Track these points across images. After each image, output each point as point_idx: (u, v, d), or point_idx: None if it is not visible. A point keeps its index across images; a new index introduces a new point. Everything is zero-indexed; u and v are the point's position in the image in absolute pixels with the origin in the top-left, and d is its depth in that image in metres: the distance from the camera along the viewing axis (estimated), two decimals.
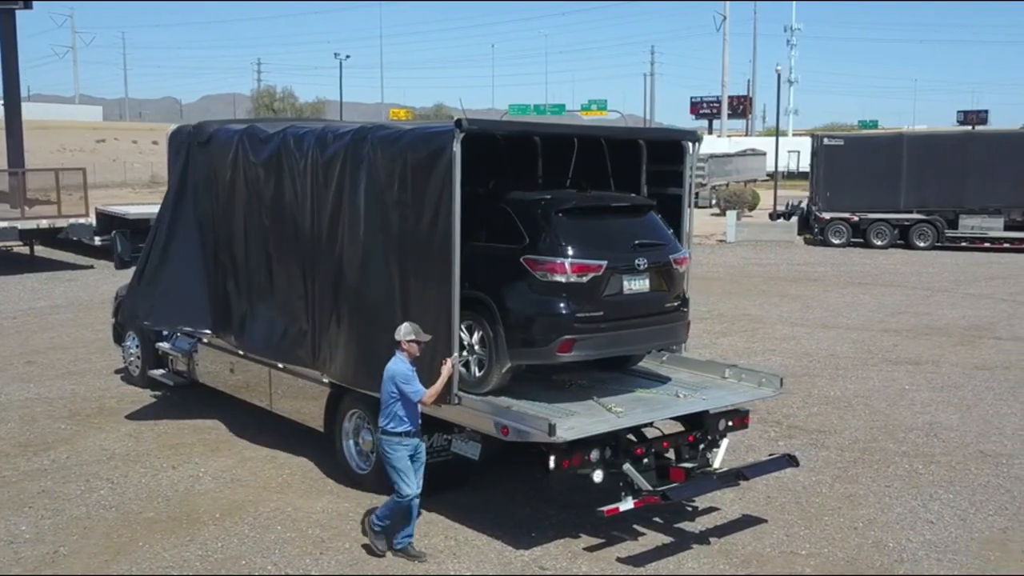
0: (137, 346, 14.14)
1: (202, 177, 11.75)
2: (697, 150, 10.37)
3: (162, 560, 8.43)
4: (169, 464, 10.85)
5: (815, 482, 10.37)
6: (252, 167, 10.90)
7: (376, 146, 9.24)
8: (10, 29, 30.70)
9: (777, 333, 18.25)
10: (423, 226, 8.72)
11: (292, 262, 10.43)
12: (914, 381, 14.63)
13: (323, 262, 9.96)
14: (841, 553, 8.63)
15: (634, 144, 10.53)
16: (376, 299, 9.31)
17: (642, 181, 10.45)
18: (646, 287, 9.17)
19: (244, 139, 11.08)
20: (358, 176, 9.42)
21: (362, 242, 9.43)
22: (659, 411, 8.98)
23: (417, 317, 8.58)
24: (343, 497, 9.88)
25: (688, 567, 8.35)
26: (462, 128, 8.25)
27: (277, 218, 10.60)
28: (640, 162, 10.43)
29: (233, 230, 11.33)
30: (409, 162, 8.83)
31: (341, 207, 9.65)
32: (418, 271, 8.88)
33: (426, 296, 8.78)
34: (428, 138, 8.72)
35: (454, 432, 9.27)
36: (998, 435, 11.98)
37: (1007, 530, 9.15)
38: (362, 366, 9.50)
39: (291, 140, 10.35)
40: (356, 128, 9.72)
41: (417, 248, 8.84)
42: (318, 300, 10.07)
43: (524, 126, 13.45)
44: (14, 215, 26.76)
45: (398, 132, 9.22)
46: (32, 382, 14.55)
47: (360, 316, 9.54)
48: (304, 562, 8.40)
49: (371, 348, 9.27)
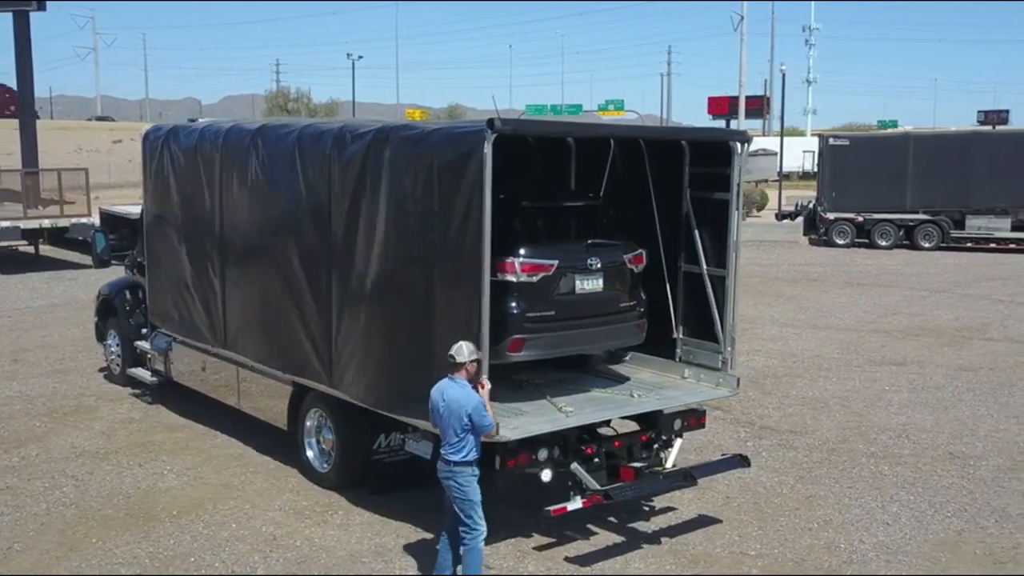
0: (118, 344, 14.23)
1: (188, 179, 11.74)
2: (747, 151, 9.59)
3: (112, 557, 8.49)
4: (136, 462, 10.92)
5: (777, 483, 10.32)
6: (256, 167, 10.42)
7: (400, 147, 8.59)
8: (24, 31, 30.96)
9: (766, 333, 18.16)
10: (451, 234, 8.02)
11: (303, 270, 9.82)
12: (895, 382, 14.52)
13: (339, 271, 9.29)
14: (791, 554, 8.59)
15: (676, 146, 9.92)
16: (399, 313, 8.65)
17: (684, 184, 9.91)
18: (599, 287, 9.16)
19: (257, 139, 10.49)
20: (379, 180, 8.75)
21: (383, 251, 8.75)
22: (610, 411, 8.96)
23: (445, 333, 8.02)
24: (303, 495, 9.91)
25: (635, 567, 8.34)
26: (494, 128, 7.61)
27: (291, 222, 9.96)
28: (682, 165, 9.89)
29: (238, 235, 10.87)
30: (436, 165, 8.15)
31: (359, 213, 8.98)
32: (445, 282, 8.17)
33: (454, 309, 8.10)
34: (457, 139, 8.05)
35: (408, 431, 9.27)
36: (970, 437, 11.88)
37: (962, 532, 9.08)
38: (383, 386, 8.87)
39: (306, 140, 9.76)
40: (377, 128, 9.05)
41: (445, 258, 8.15)
42: (334, 313, 9.40)
43: (559, 126, 12.04)
44: (16, 215, 27.00)
45: (427, 131, 8.54)
46: (16, 380, 14.68)
47: (381, 331, 8.86)
48: (252, 559, 8.44)
49: (394, 366, 8.73)
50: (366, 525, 9.15)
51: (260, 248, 10.44)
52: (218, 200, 11.04)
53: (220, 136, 10.99)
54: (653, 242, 10.08)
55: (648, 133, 11.54)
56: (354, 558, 8.47)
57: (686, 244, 9.98)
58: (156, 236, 12.53)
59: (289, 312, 10.03)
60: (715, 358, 9.77)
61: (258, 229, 10.45)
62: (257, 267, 10.52)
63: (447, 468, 7.57)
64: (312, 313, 9.69)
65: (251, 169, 10.39)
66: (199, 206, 11.42)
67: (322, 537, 8.89)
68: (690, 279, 10.00)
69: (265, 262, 10.36)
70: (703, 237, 9.85)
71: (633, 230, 10.02)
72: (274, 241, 10.18)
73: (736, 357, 9.76)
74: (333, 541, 8.80)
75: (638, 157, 10.09)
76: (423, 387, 8.41)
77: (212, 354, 11.66)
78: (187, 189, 11.63)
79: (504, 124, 7.69)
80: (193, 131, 11.63)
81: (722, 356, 9.71)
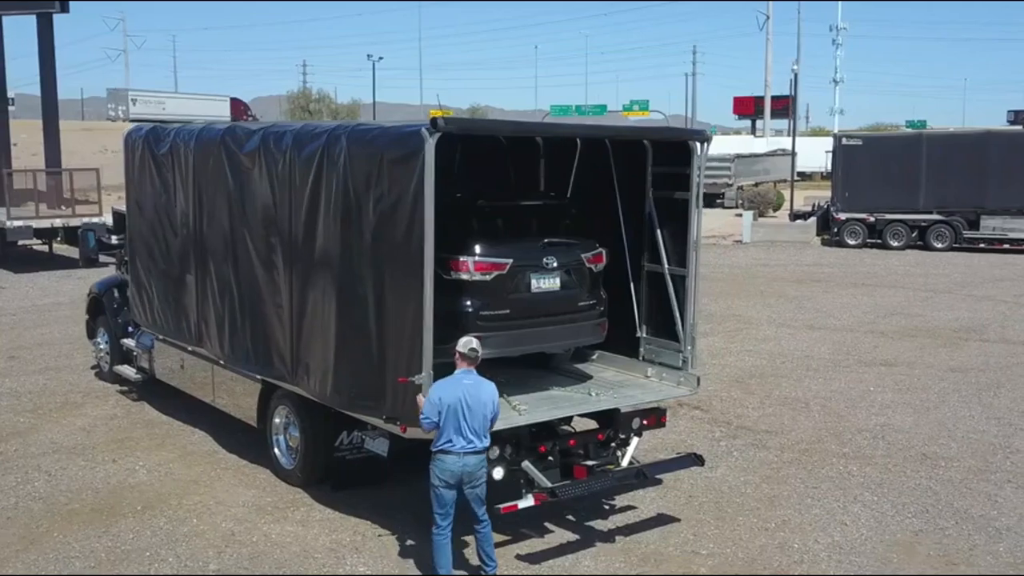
0: (107, 342, 14.41)
1: (164, 179, 11.89)
2: (706, 150, 9.49)
3: (70, 551, 8.62)
4: (110, 458, 11.06)
5: (743, 482, 10.29)
6: (224, 166, 10.45)
7: (351, 147, 8.61)
8: (47, 34, 31.20)
9: (760, 334, 18.09)
10: (398, 232, 8.05)
11: (267, 268, 9.89)
12: (881, 383, 14.42)
13: (299, 270, 9.36)
14: (743, 553, 8.57)
15: (641, 145, 9.92)
16: (352, 310, 8.68)
17: (647, 184, 9.91)
18: (557, 286, 9.19)
19: (224, 138, 10.56)
20: (330, 179, 8.79)
21: (336, 249, 8.79)
22: (564, 409, 8.99)
23: (393, 331, 8.19)
24: (268, 492, 10.00)
25: (584, 565, 8.35)
26: (437, 128, 7.61)
27: (253, 222, 10.04)
28: (645, 164, 9.90)
29: (207, 235, 10.94)
30: (385, 163, 8.16)
31: (317, 212, 9.00)
32: (393, 280, 8.20)
33: (402, 307, 8.12)
34: (403, 138, 8.05)
35: (367, 429, 9.35)
36: (947, 438, 11.79)
37: (920, 533, 9.02)
38: (339, 383, 8.88)
39: (270, 140, 9.74)
40: (333, 127, 9.12)
41: (393, 256, 8.17)
42: (294, 310, 9.47)
43: (507, 125, 11.56)
44: (29, 214, 27.36)
45: (375, 130, 8.62)
46: (8, 377, 14.89)
47: (335, 328, 8.89)
48: (207, 555, 8.54)
49: (348, 364, 8.77)
50: (325, 522, 9.23)
51: (229, 247, 10.54)
52: (191, 200, 11.16)
53: (193, 137, 11.11)
54: (618, 241, 10.11)
55: (610, 133, 11.49)
56: (307, 554, 8.54)
57: (649, 243, 9.98)
58: (137, 235, 12.69)
59: (255, 310, 10.13)
60: (677, 357, 9.76)
61: (227, 228, 10.55)
62: (226, 266, 10.61)
63: (472, 460, 7.68)
64: (274, 311, 9.78)
65: (220, 169, 10.49)
66: (174, 206, 11.56)
67: (279, 533, 8.97)
68: (653, 278, 10.00)
69: (233, 261, 10.46)
70: (665, 236, 9.85)
71: (599, 229, 10.04)
72: (241, 240, 10.28)
73: (699, 356, 9.80)
74: (290, 537, 8.88)
75: (605, 157, 10.12)
76: (375, 384, 8.52)
77: (190, 352, 11.79)
78: (163, 189, 11.77)
79: (447, 123, 7.71)
80: (169, 132, 11.77)
81: (683, 355, 9.70)
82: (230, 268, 10.52)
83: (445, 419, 7.61)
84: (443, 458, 7.68)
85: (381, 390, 8.43)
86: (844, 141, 33.59)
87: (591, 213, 10.13)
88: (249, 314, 10.24)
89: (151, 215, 12.16)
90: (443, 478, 7.70)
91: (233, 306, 10.52)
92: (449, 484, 7.71)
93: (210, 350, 11.14)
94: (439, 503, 7.76)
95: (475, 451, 7.71)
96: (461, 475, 7.71)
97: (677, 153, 9.58)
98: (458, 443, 7.64)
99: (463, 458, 7.68)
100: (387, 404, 8.41)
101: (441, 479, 7.70)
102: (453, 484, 7.72)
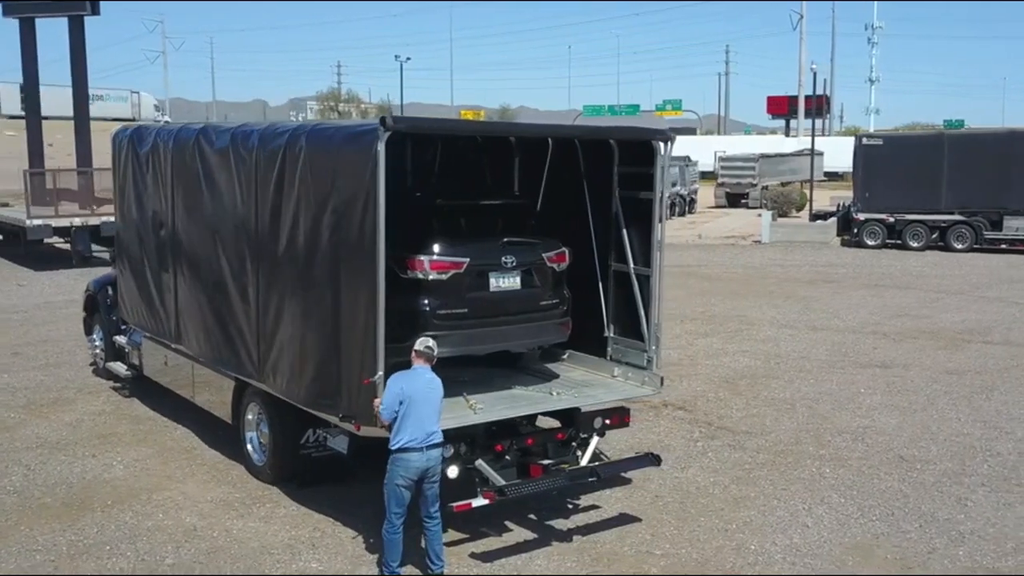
0: (101, 339, 14.61)
1: (145, 179, 12.07)
2: (669, 150, 9.42)
3: (33, 544, 8.75)
4: (91, 453, 11.22)
5: (711, 483, 10.24)
6: (197, 165, 10.62)
7: (309, 145, 8.72)
8: (79, 35, 31.65)
9: (760, 335, 17.96)
10: (352, 231, 8.16)
11: (235, 267, 10.04)
12: (873, 384, 14.27)
13: (264, 269, 9.48)
14: (697, 554, 8.54)
15: (608, 145, 9.94)
16: (311, 308, 8.78)
17: (613, 184, 9.90)
18: (516, 285, 9.20)
19: (199, 138, 10.71)
20: (292, 178, 8.91)
21: (296, 248, 8.91)
22: (521, 408, 8.99)
23: (348, 327, 8.26)
24: (238, 488, 10.10)
25: (536, 565, 8.36)
26: (387, 127, 7.72)
27: (223, 221, 10.20)
28: (612, 164, 9.90)
29: (183, 233, 11.13)
30: (340, 162, 8.31)
31: (279, 211, 9.12)
32: (348, 278, 8.29)
33: (355, 305, 8.22)
34: (356, 137, 8.21)
35: (329, 427, 9.41)
36: (928, 440, 11.65)
37: (881, 536, 8.93)
38: (300, 381, 8.97)
39: (238, 138, 9.93)
40: (295, 126, 9.29)
41: (347, 254, 8.27)
42: (260, 309, 9.58)
43: (454, 124, 11.83)
44: (48, 213, 27.76)
45: (331, 130, 8.79)
46: (8, 372, 15.14)
47: (296, 326, 9.01)
48: (165, 550, 8.64)
49: (307, 362, 8.84)
50: (288, 518, 9.31)
51: (203, 246, 10.66)
52: (169, 199, 11.30)
53: (171, 137, 11.26)
54: (587, 241, 10.10)
55: (575, 133, 11.48)
56: (264, 550, 8.62)
57: (616, 243, 9.97)
58: (123, 234, 12.89)
59: (226, 308, 10.24)
60: (642, 357, 9.73)
61: (200, 227, 10.68)
62: (200, 264, 10.74)
63: (435, 453, 7.79)
64: (242, 309, 9.89)
65: (194, 168, 10.62)
66: (154, 205, 11.72)
67: (241, 529, 9.06)
68: (620, 278, 9.99)
69: (207, 259, 10.58)
70: (631, 236, 9.84)
71: (569, 229, 10.04)
72: (213, 239, 10.39)
73: (662, 355, 9.74)
74: (250, 533, 8.97)
75: (575, 157, 10.12)
76: (332, 383, 8.59)
77: (172, 349, 11.93)
78: (144, 188, 11.94)
79: (397, 122, 7.78)
80: (150, 132, 11.94)
81: (647, 355, 9.67)
82: (203, 266, 10.65)
83: (405, 412, 7.68)
84: (406, 457, 7.73)
85: (337, 388, 8.49)
86: (865, 141, 33.26)
87: (561, 213, 10.13)
88: (220, 312, 10.36)
89: (135, 214, 12.35)
90: (407, 476, 7.75)
91: (206, 304, 10.64)
92: (411, 482, 7.77)
93: (188, 347, 11.28)
94: (397, 502, 7.81)
95: (437, 443, 7.82)
96: (425, 470, 7.78)
97: (642, 153, 9.56)
98: (419, 437, 7.70)
99: (426, 452, 7.75)
100: (343, 402, 8.47)
101: (405, 477, 7.75)
102: (415, 481, 7.78)
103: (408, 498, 7.82)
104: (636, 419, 12.40)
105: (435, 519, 7.97)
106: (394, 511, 7.83)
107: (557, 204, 10.16)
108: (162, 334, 11.96)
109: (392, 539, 7.88)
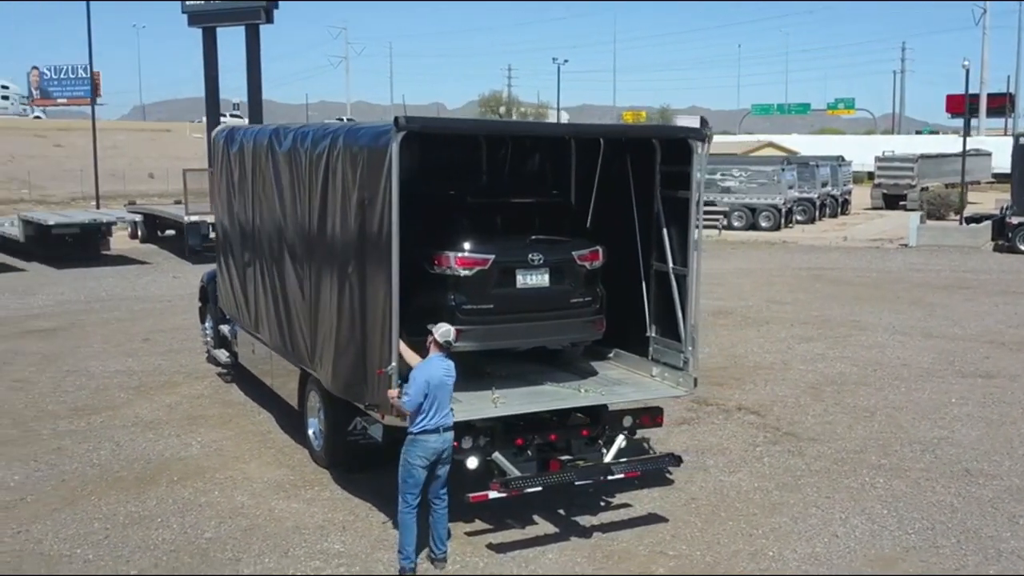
0: (211, 327, 15.57)
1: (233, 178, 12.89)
2: (706, 149, 9.45)
3: (97, 512, 9.53)
4: (175, 433, 12.04)
5: (755, 488, 10.10)
6: (266, 166, 11.36)
7: (344, 145, 9.16)
8: (254, 44, 33.26)
9: (868, 340, 17.35)
10: (374, 226, 8.53)
11: (295, 261, 10.61)
12: (968, 395, 13.62)
13: (314, 264, 9.97)
14: (710, 557, 8.48)
15: (650, 144, 10.04)
16: (345, 300, 9.17)
17: (656, 183, 10.01)
18: (545, 282, 9.35)
19: (271, 139, 11.33)
20: (333, 176, 9.42)
21: (335, 243, 9.36)
22: (542, 404, 9.13)
23: (372, 320, 8.64)
24: (296, 471, 10.65)
25: (546, 559, 8.49)
26: (399, 127, 8.09)
27: (287, 217, 10.75)
28: (654, 163, 9.98)
29: (260, 229, 11.82)
30: (365, 162, 8.71)
31: (325, 208, 9.62)
32: (371, 271, 8.64)
33: (376, 298, 8.57)
34: (376, 136, 8.61)
35: (368, 416, 9.81)
36: (1004, 455, 11.08)
37: (912, 549, 8.62)
38: (337, 371, 9.39)
39: (298, 139, 10.46)
40: (338, 126, 9.79)
41: (371, 249, 8.61)
42: (311, 301, 10.06)
43: (465, 124, 12.00)
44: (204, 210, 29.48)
45: (360, 130, 9.13)
46: (134, 356, 16.32)
47: (334, 318, 9.42)
48: (208, 524, 9.23)
49: (342, 352, 9.24)
50: (329, 501, 9.77)
51: (273, 241, 11.29)
52: (249, 196, 12.01)
53: (252, 137, 11.95)
54: (632, 240, 10.16)
55: (603, 132, 11.45)
56: (297, 530, 9.09)
57: (657, 243, 9.98)
58: (220, 229, 13.73)
59: (290, 300, 10.81)
60: (679, 357, 9.71)
61: (271, 223, 11.31)
62: (272, 259, 11.37)
63: (450, 436, 8.17)
64: (300, 301, 10.44)
65: (267, 167, 11.26)
66: (239, 201, 12.46)
67: (283, 509, 9.59)
68: (661, 278, 9.99)
69: (277, 254, 11.20)
70: (671, 236, 9.83)
71: (614, 227, 10.12)
72: (280, 235, 11.00)
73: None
74: (290, 513, 9.48)
75: (619, 155, 10.19)
76: (360, 372, 8.99)
77: (256, 338, 12.66)
78: (233, 186, 12.71)
79: (409, 122, 8.13)
80: (239, 132, 12.68)
81: (683, 355, 9.64)
82: (274, 260, 11.27)
83: (431, 399, 8.01)
84: (426, 438, 8.08)
85: (364, 378, 8.89)
86: (1022, 141, 31.36)
87: (604, 211, 10.22)
88: (287, 304, 10.94)
89: (226, 210, 13.15)
90: (425, 456, 8.09)
91: (276, 296, 11.26)
92: (428, 463, 8.10)
93: (263, 337, 11.95)
94: (414, 482, 8.13)
95: (451, 425, 8.19)
96: (442, 451, 8.12)
97: (681, 152, 9.54)
98: (438, 419, 8.05)
99: (443, 434, 8.11)
100: (368, 392, 8.86)
101: (422, 457, 8.09)
102: (432, 462, 8.11)
103: (423, 478, 8.13)
104: (704, 421, 12.42)
105: (443, 500, 8.27)
106: (409, 492, 8.14)
107: (602, 203, 10.24)
108: (247, 324, 12.70)
109: (407, 520, 8.18)
